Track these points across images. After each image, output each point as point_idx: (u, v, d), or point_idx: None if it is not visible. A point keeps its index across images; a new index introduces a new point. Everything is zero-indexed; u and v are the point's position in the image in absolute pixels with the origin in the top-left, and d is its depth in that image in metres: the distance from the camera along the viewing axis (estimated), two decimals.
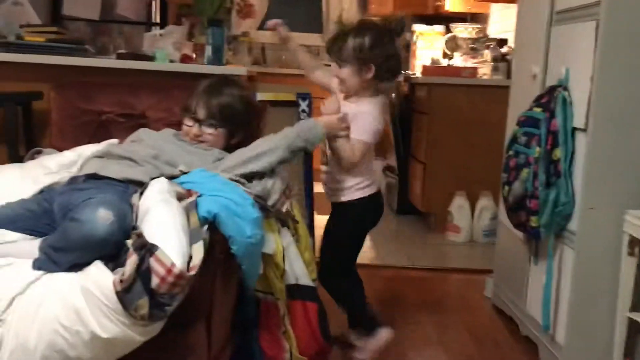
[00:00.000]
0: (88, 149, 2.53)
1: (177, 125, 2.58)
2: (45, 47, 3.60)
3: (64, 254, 1.81)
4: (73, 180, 2.23)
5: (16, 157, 3.48)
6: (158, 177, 2.16)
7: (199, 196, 1.98)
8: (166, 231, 1.79)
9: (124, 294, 1.69)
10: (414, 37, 6.37)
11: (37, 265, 1.83)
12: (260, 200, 2.11)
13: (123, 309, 1.69)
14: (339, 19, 2.87)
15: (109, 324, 1.71)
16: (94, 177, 2.20)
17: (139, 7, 5.97)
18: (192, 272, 1.73)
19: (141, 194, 2.02)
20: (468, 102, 4.72)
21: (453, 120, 4.73)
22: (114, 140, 2.61)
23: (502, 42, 5.11)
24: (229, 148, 2.46)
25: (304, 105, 3.69)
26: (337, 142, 2.50)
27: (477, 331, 3.06)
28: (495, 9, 5.88)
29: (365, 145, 2.53)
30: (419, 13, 6.57)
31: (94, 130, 2.79)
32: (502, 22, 5.67)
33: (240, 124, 2.50)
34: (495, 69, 4.94)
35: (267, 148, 2.30)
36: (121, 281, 1.69)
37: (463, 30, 5.55)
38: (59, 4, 6.26)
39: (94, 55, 3.84)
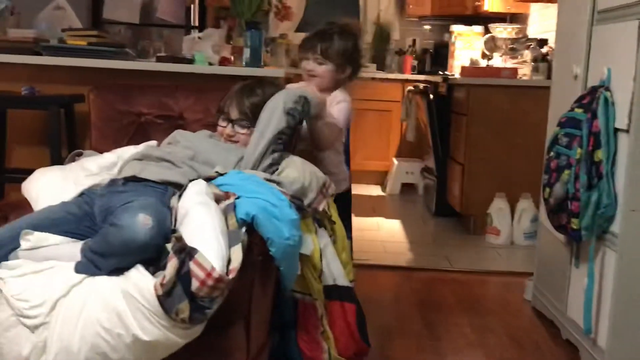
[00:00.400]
0: (127, 151, 2.56)
1: (214, 127, 2.60)
2: (86, 50, 3.65)
3: (105, 258, 1.83)
4: (112, 182, 2.25)
5: (58, 159, 3.54)
6: (195, 178, 2.17)
7: (236, 198, 1.99)
8: (205, 234, 1.80)
9: (165, 298, 1.70)
10: (452, 38, 6.33)
11: (79, 268, 1.85)
12: (296, 201, 2.11)
13: (164, 312, 1.70)
14: (376, 20, 2.97)
15: (150, 327, 1.72)
16: (133, 179, 2.23)
17: (178, 11, 6.01)
18: (231, 275, 1.74)
19: (180, 196, 2.04)
20: (508, 103, 4.68)
21: (492, 121, 4.69)
22: (153, 142, 2.65)
23: (542, 42, 5.05)
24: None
25: None
26: (319, 122, 2.50)
27: (517, 334, 3.02)
28: (535, 9, 5.82)
29: (341, 131, 2.66)
30: (458, 13, 6.55)
31: (132, 131, 2.83)
32: (542, 22, 5.61)
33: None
34: (535, 70, 4.89)
35: (263, 123, 2.34)
36: (162, 285, 1.70)
37: (502, 31, 5.50)
38: (99, 8, 6.35)
39: (135, 58, 3.89)
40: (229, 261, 1.78)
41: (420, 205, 5.86)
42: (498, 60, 5.66)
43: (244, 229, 1.89)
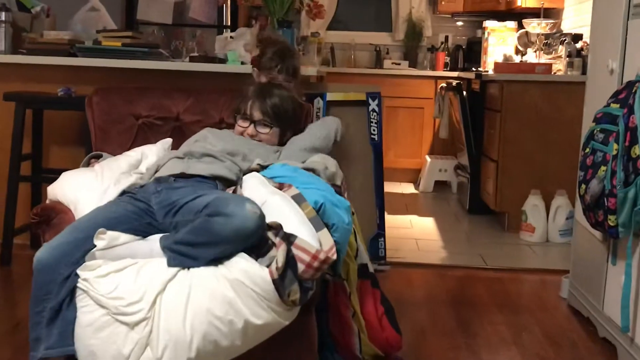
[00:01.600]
0: (149, 149, 2.64)
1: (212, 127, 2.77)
2: (121, 51, 3.69)
3: (206, 249, 1.88)
4: (161, 180, 2.29)
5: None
6: (238, 171, 2.32)
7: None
8: (294, 221, 1.92)
9: (280, 282, 1.81)
10: (485, 34, 6.29)
11: (173, 262, 1.90)
12: (336, 188, 2.24)
13: (279, 296, 1.81)
14: (408, 17, 3.06)
15: (261, 311, 1.82)
16: (181, 176, 2.29)
17: (210, 11, 6.05)
18: (334, 255, 1.87)
19: (239, 187, 2.17)
20: (542, 99, 4.64)
21: (527, 117, 4.65)
22: (168, 140, 2.74)
23: (577, 37, 4.99)
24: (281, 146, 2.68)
25: (373, 104, 3.68)
26: None
27: (553, 332, 2.99)
28: (569, 4, 5.76)
29: None
30: (491, 9, 6.50)
31: (135, 133, 2.90)
32: (577, 17, 5.54)
33: (290, 122, 2.71)
34: (570, 65, 4.84)
35: (319, 139, 2.63)
36: (277, 269, 1.81)
37: (536, 26, 5.44)
38: (133, 9, 6.41)
39: (168, 58, 3.92)
40: (319, 245, 1.90)
41: (454, 202, 5.83)
42: (532, 56, 5.61)
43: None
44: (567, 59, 4.89)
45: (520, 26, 5.86)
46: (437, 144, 6.52)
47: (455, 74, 6.35)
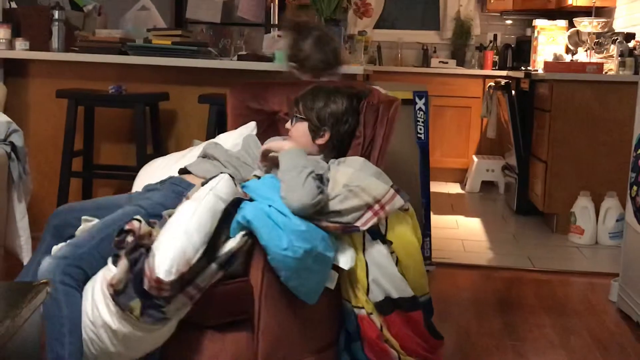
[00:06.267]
0: (226, 137, 2.64)
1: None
2: (171, 50, 3.74)
3: None
4: (168, 179, 2.35)
5: (144, 156, 3.65)
6: (240, 179, 2.22)
7: (249, 200, 1.99)
8: (176, 232, 1.83)
9: (117, 296, 1.77)
10: (535, 33, 6.21)
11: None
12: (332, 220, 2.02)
13: (119, 308, 1.78)
14: (456, 15, 2.83)
15: (116, 321, 1.80)
16: (185, 171, 2.36)
17: (258, 10, 6.08)
18: (173, 278, 1.76)
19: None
20: (593, 99, 4.56)
21: (577, 117, 4.58)
22: (251, 124, 2.68)
23: (629, 36, 4.90)
24: (323, 150, 2.35)
25: (420, 103, 3.66)
26: None
27: (602, 336, 2.95)
28: (621, 2, 5.65)
29: None
30: (541, 7, 6.42)
31: (264, 128, 2.76)
32: (629, 16, 5.43)
33: (324, 125, 2.32)
34: (622, 65, 4.75)
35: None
36: (112, 285, 1.78)
37: (587, 25, 5.35)
38: (182, 8, 6.49)
39: (217, 57, 3.96)
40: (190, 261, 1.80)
41: (501, 203, 5.77)
42: (583, 55, 5.52)
43: (242, 233, 1.90)
44: (619, 58, 4.80)
45: (571, 25, 5.77)
46: (485, 143, 6.46)
47: (503, 73, 6.29)
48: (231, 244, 1.89)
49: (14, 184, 2.91)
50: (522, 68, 6.16)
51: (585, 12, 5.85)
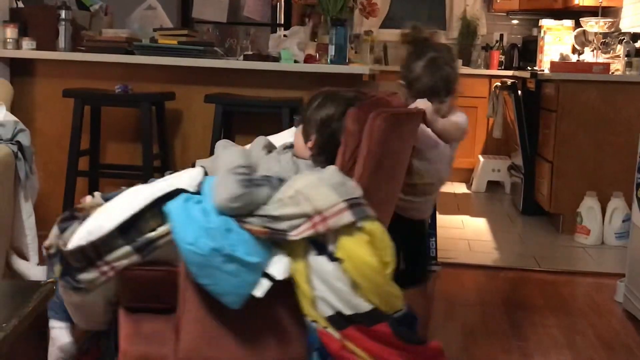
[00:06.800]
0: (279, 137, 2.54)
1: None
2: (177, 49, 3.75)
3: None
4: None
5: (150, 155, 3.65)
6: None
7: (194, 193, 2.00)
8: (104, 208, 1.99)
9: (49, 259, 1.97)
10: (541, 32, 6.20)
11: None
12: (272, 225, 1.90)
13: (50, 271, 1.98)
14: (463, 15, 2.73)
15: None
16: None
17: (264, 9, 6.11)
18: (72, 248, 1.90)
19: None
20: (599, 99, 4.55)
21: (583, 117, 4.57)
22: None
23: (636, 36, 4.89)
24: (313, 155, 2.18)
25: None
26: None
27: (607, 337, 2.94)
28: (628, 2, 5.64)
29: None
30: (547, 7, 6.41)
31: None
32: (636, 16, 5.42)
33: (312, 129, 2.18)
34: (628, 65, 4.74)
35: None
36: (46, 248, 1.98)
37: (594, 25, 5.34)
38: (188, 8, 6.51)
39: (222, 56, 3.97)
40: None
41: (507, 203, 5.76)
42: (589, 55, 5.51)
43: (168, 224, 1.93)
44: (626, 58, 4.79)
45: (578, 25, 5.77)
46: (491, 143, 6.45)
47: (509, 72, 6.28)
48: (152, 232, 1.93)
49: (21, 184, 2.91)
50: (529, 68, 6.15)
51: (592, 12, 5.84)
